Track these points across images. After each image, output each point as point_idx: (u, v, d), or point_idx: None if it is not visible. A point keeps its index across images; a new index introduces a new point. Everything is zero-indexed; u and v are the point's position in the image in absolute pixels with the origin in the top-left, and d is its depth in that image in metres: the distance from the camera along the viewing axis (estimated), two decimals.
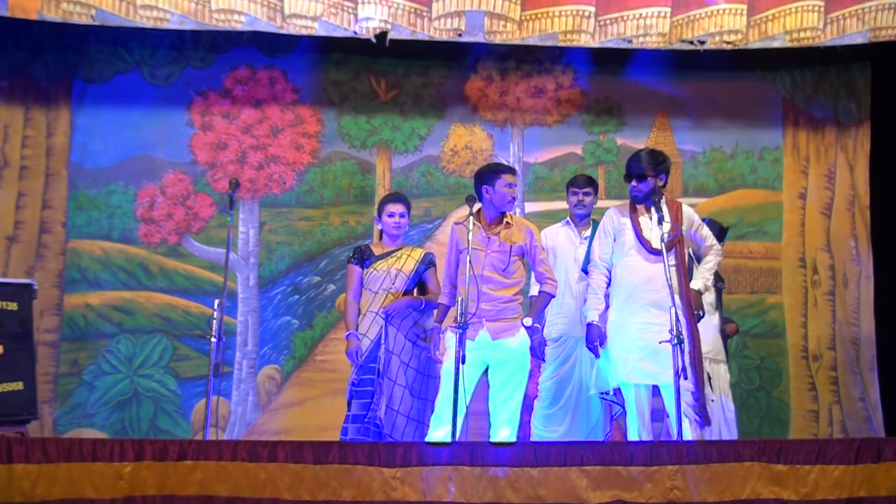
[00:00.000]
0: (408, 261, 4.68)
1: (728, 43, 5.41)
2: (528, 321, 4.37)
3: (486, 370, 4.45)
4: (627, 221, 4.49)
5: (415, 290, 4.72)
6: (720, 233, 5.04)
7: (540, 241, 4.55)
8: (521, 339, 4.37)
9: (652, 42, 5.42)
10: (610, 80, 6.09)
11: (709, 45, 5.42)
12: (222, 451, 3.59)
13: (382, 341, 4.53)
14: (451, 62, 6.08)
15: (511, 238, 4.42)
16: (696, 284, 4.54)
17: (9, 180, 5.83)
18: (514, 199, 4.44)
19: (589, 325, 4.48)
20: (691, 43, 5.41)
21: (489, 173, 4.42)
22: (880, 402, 5.76)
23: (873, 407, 5.76)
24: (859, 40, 5.39)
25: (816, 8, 5.35)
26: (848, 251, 5.92)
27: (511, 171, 4.47)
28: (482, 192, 4.41)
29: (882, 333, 5.80)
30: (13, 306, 4.78)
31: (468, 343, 4.36)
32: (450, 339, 4.39)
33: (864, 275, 5.89)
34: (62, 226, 5.88)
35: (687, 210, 4.59)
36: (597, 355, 4.48)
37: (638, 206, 4.47)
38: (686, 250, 4.53)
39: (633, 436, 4.48)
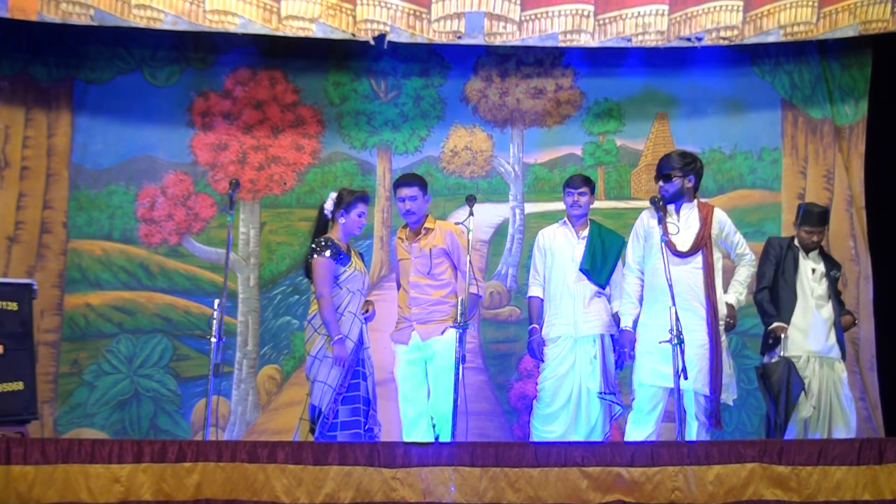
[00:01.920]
0: (362, 264, 4.60)
1: (724, 39, 5.47)
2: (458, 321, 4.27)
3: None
4: (655, 224, 4.51)
5: None
6: (821, 216, 4.92)
7: (463, 241, 4.53)
8: (449, 340, 4.40)
9: (650, 40, 5.46)
10: (609, 81, 6.09)
11: (706, 42, 5.47)
12: (222, 452, 3.60)
13: (365, 343, 4.46)
14: (452, 63, 6.09)
15: (431, 243, 4.58)
16: (729, 298, 4.56)
17: (10, 181, 5.84)
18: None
19: (621, 330, 4.54)
20: (689, 40, 5.45)
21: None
22: (880, 402, 5.75)
23: (873, 407, 5.75)
24: (850, 33, 5.45)
25: (810, 3, 5.42)
26: (847, 251, 5.91)
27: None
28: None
29: (882, 333, 5.79)
30: (13, 306, 4.79)
31: (406, 348, 4.63)
32: (398, 348, 4.66)
33: (864, 275, 5.89)
34: (63, 226, 5.89)
35: (719, 214, 4.58)
36: (627, 359, 4.51)
37: (668, 208, 4.47)
38: (715, 255, 4.50)
39: (629, 434, 4.49)
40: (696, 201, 4.59)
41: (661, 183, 4.54)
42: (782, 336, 4.76)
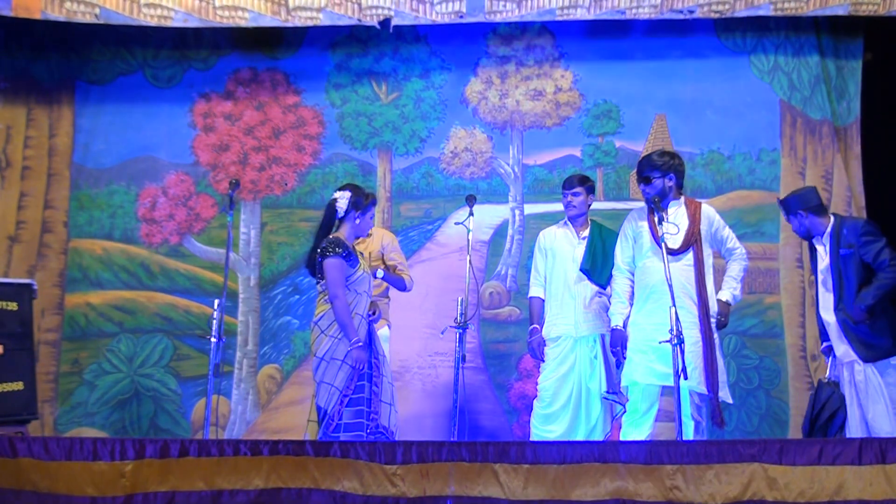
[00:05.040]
0: (368, 263, 4.61)
1: (716, 12, 5.53)
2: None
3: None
4: (645, 224, 4.50)
5: None
6: (783, 203, 4.51)
7: (387, 243, 4.95)
8: (384, 336, 4.81)
9: (644, 13, 5.54)
10: (608, 82, 6.11)
11: (698, 15, 5.52)
12: (223, 450, 3.60)
13: (375, 345, 4.41)
14: (452, 65, 6.11)
15: (370, 248, 4.87)
16: (723, 296, 4.52)
17: (11, 180, 5.86)
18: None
19: (613, 330, 4.52)
20: (681, 13, 5.49)
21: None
22: None
23: None
24: (840, 12, 5.50)
25: None
26: None
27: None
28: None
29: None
30: (13, 306, 4.80)
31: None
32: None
33: None
34: (64, 225, 5.90)
35: (707, 210, 4.56)
36: (620, 359, 4.51)
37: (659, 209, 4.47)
38: (705, 252, 4.48)
39: (625, 436, 4.50)
40: (682, 198, 4.57)
41: (641, 185, 4.53)
42: (829, 357, 4.49)
